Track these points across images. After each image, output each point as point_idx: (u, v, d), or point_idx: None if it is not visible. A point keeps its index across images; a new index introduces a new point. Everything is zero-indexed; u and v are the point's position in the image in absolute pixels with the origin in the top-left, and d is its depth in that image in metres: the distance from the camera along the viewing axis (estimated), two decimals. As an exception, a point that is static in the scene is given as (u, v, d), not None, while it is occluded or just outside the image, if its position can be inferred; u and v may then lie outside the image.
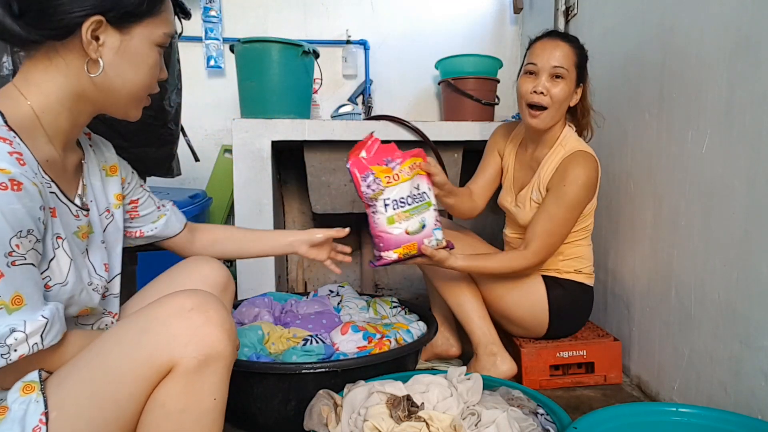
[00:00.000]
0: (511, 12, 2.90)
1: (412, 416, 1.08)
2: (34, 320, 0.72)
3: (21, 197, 0.70)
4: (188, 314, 0.76)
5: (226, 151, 2.80)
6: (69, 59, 0.80)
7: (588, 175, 1.48)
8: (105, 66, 0.81)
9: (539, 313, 1.57)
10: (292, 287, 2.61)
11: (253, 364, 1.29)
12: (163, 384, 0.75)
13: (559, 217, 1.48)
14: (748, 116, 1.17)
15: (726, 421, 1.08)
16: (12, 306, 0.70)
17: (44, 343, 0.73)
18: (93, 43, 0.79)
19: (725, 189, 1.24)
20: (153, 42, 0.86)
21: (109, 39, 0.81)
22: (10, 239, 0.69)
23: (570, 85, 1.49)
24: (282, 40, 2.04)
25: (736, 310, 1.21)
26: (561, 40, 1.50)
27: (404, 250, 1.35)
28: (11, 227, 0.69)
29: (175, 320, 0.75)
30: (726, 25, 1.24)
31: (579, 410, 1.46)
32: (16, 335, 0.70)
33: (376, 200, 1.33)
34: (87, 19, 0.77)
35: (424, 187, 1.39)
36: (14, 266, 0.70)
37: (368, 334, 1.44)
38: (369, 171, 1.33)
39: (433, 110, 2.91)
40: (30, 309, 0.72)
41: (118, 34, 0.81)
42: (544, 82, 1.46)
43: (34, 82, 0.81)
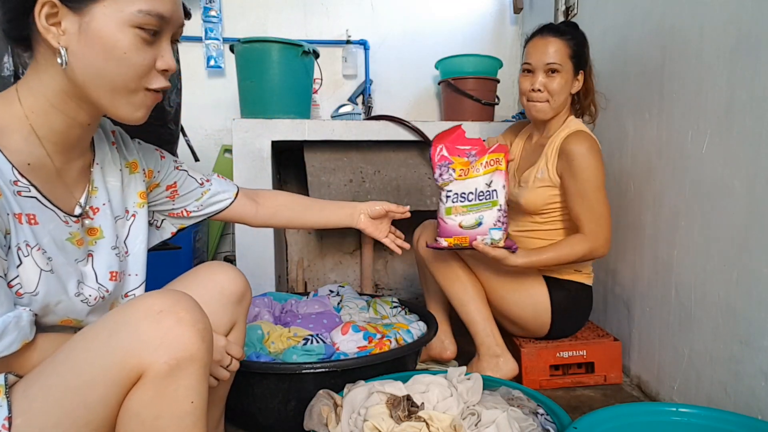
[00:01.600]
0: (511, 12, 2.90)
1: (412, 416, 1.08)
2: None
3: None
4: (158, 317, 0.70)
5: (226, 151, 2.80)
6: (46, 55, 0.75)
7: (590, 147, 1.50)
8: (69, 55, 0.72)
9: (542, 313, 1.57)
10: (292, 287, 2.61)
11: (253, 364, 1.28)
12: (135, 391, 0.70)
13: (591, 198, 1.48)
14: (748, 116, 1.17)
15: (726, 421, 1.08)
16: None
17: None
18: (52, 30, 0.72)
19: (725, 189, 1.24)
20: (123, 22, 0.72)
21: (67, 23, 0.72)
22: None
23: (567, 76, 1.54)
24: (282, 40, 2.04)
25: (736, 310, 1.21)
26: (552, 35, 1.54)
27: (455, 240, 1.44)
28: None
29: (143, 323, 0.70)
30: (726, 25, 1.24)
31: (579, 410, 1.46)
32: None
33: (442, 189, 1.45)
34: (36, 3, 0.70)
35: (497, 185, 1.43)
36: None
37: (368, 334, 1.44)
38: (448, 161, 1.43)
39: (433, 110, 2.91)
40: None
41: (75, 16, 0.72)
42: (541, 79, 1.53)
43: (27, 84, 0.78)
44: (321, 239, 2.66)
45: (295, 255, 2.64)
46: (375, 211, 1.31)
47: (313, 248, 2.68)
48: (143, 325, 0.70)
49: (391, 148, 2.18)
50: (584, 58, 1.57)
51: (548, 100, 1.54)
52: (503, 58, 2.50)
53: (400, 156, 2.19)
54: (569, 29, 1.57)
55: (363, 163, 2.16)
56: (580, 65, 1.56)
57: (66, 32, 0.72)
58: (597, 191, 1.49)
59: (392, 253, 2.69)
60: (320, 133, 2.02)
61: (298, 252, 2.65)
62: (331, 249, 2.68)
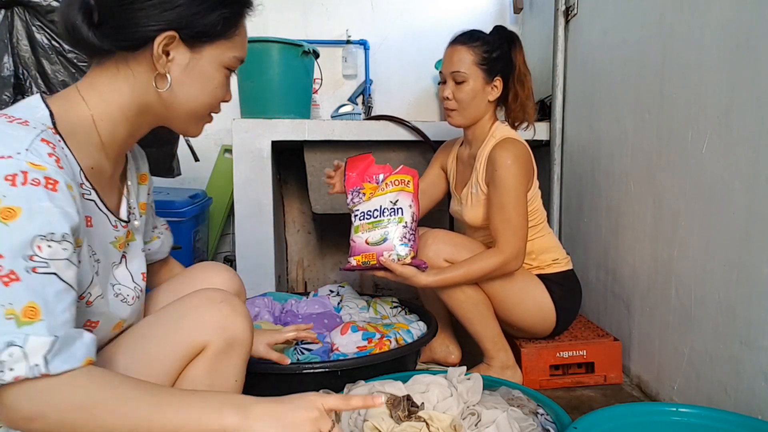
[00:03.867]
0: (511, 12, 2.90)
1: (412, 416, 1.08)
2: (40, 336, 0.61)
3: (54, 197, 0.66)
4: (219, 305, 0.86)
5: (226, 151, 2.80)
6: (137, 71, 0.80)
7: (516, 156, 1.49)
8: (172, 81, 0.81)
9: (548, 314, 1.58)
10: (292, 287, 2.61)
11: (253, 364, 1.28)
12: (195, 363, 0.84)
13: (508, 207, 1.49)
14: (748, 116, 1.17)
15: (726, 421, 1.08)
16: (23, 318, 0.61)
17: (49, 367, 0.61)
18: (163, 57, 0.80)
19: (725, 189, 1.24)
20: (221, 64, 0.85)
21: (179, 55, 0.81)
22: (32, 239, 0.63)
23: (475, 84, 1.53)
24: (282, 40, 2.04)
25: (736, 310, 1.21)
26: (459, 44, 1.55)
27: (363, 258, 1.45)
28: (37, 226, 0.63)
29: (208, 309, 0.86)
30: (726, 25, 1.24)
31: (579, 410, 1.46)
32: (12, 350, 0.59)
33: (352, 212, 1.51)
34: (160, 34, 0.78)
35: (403, 203, 1.47)
36: (34, 273, 0.62)
37: (368, 335, 1.44)
38: (360, 186, 1.50)
39: (433, 110, 2.91)
40: (45, 325, 0.62)
41: (188, 52, 0.82)
42: (450, 88, 1.55)
43: (98, 90, 0.80)
44: (321, 239, 2.67)
45: (295, 255, 2.64)
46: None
47: (313, 248, 2.68)
48: (207, 310, 0.85)
49: (391, 148, 2.18)
50: (503, 64, 1.55)
51: (457, 109, 1.55)
52: (503, 58, 2.50)
53: (400, 156, 2.19)
54: (483, 35, 1.55)
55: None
56: (495, 71, 1.54)
57: (173, 61, 0.81)
58: (516, 202, 1.48)
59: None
60: (320, 133, 2.02)
61: (298, 252, 2.65)
62: (331, 249, 2.68)
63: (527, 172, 1.53)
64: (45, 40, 1.86)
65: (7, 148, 0.65)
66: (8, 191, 0.63)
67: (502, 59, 1.55)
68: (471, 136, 1.63)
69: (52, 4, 1.84)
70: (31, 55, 1.86)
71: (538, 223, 1.62)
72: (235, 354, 0.87)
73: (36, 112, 0.74)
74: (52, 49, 1.87)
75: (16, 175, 0.64)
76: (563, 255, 1.66)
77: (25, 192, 0.64)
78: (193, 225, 2.48)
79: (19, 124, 0.69)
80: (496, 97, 1.57)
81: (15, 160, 0.64)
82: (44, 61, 1.87)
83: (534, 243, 1.60)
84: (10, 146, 0.65)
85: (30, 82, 1.87)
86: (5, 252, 0.62)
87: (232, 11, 0.84)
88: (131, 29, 0.77)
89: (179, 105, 0.84)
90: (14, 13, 1.83)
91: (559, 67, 2.10)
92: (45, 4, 1.83)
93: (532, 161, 1.57)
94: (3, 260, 0.61)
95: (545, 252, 1.62)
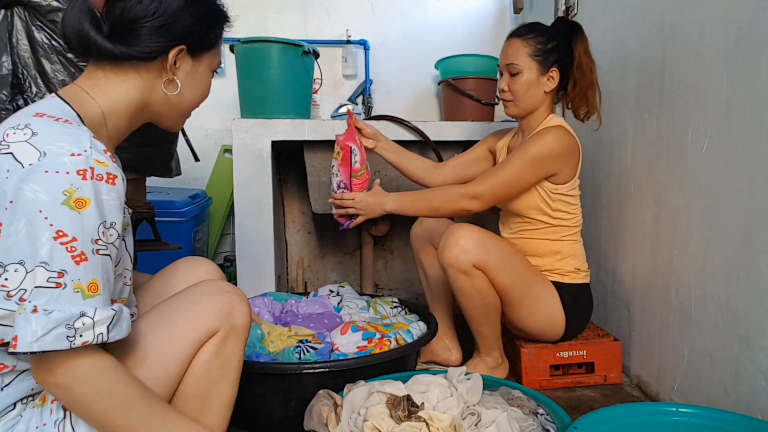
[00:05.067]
0: (511, 12, 2.90)
1: (412, 416, 1.08)
2: (104, 310, 0.73)
3: (112, 191, 0.77)
4: (227, 294, 0.95)
5: (226, 151, 2.80)
6: (145, 76, 0.91)
7: (554, 139, 1.49)
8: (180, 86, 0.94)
9: (558, 322, 1.57)
10: (292, 287, 2.61)
11: (253, 364, 1.28)
12: (207, 345, 0.91)
13: (509, 166, 1.49)
14: (748, 116, 1.17)
15: (726, 421, 1.08)
16: (88, 292, 0.72)
17: (109, 336, 0.73)
18: (173, 66, 0.92)
19: (725, 189, 1.24)
20: (211, 68, 1.00)
21: (184, 64, 0.94)
22: (98, 226, 0.74)
23: (530, 76, 1.53)
24: (282, 40, 2.04)
25: (736, 310, 1.21)
26: (514, 36, 1.56)
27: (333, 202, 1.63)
28: (101, 216, 0.74)
29: (219, 296, 0.94)
30: (726, 24, 1.24)
31: (579, 410, 1.46)
32: (85, 320, 0.71)
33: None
34: (174, 48, 0.90)
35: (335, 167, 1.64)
36: (98, 254, 0.74)
37: (368, 335, 1.44)
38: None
39: (433, 110, 2.91)
40: (102, 299, 0.74)
41: (191, 61, 0.95)
42: (505, 80, 1.57)
43: (105, 89, 0.89)
44: (321, 239, 2.67)
45: (295, 255, 2.64)
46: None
47: (313, 248, 2.68)
48: (219, 297, 0.94)
49: (391, 148, 2.17)
50: (560, 55, 1.54)
51: (513, 100, 1.56)
52: (503, 58, 2.50)
53: (400, 156, 2.19)
54: (540, 27, 1.55)
55: (363, 163, 2.16)
56: (550, 62, 1.53)
57: (179, 69, 0.94)
58: (517, 167, 1.48)
59: (392, 253, 2.69)
60: (320, 133, 2.02)
61: (298, 252, 2.65)
62: (331, 249, 2.68)
63: (558, 157, 1.50)
64: (45, 39, 1.86)
65: (76, 146, 0.75)
66: (81, 184, 0.73)
67: (559, 50, 1.53)
68: (525, 125, 1.62)
69: (52, 4, 1.84)
70: (30, 54, 1.86)
71: (573, 225, 1.60)
72: (238, 338, 0.96)
73: (65, 111, 0.83)
74: (52, 48, 1.87)
75: (86, 171, 0.74)
76: (585, 267, 1.64)
77: (93, 185, 0.74)
78: (193, 225, 2.48)
79: (64, 123, 0.79)
80: (552, 87, 1.55)
81: (84, 157, 0.74)
82: (44, 60, 1.87)
83: (565, 245, 1.59)
84: (78, 144, 0.75)
85: (29, 81, 1.87)
86: (78, 236, 0.72)
87: (221, 26, 1.01)
88: (147, 43, 0.88)
89: (178, 104, 0.97)
90: (14, 13, 1.83)
91: (559, 67, 2.09)
92: (45, 4, 1.83)
93: (577, 156, 1.55)
94: (76, 242, 0.72)
95: (571, 257, 1.60)
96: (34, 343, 0.67)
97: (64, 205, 0.71)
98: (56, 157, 0.73)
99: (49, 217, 0.70)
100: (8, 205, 0.71)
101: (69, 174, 0.72)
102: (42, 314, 0.68)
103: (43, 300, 0.69)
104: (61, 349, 0.69)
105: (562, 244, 1.58)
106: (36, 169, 0.72)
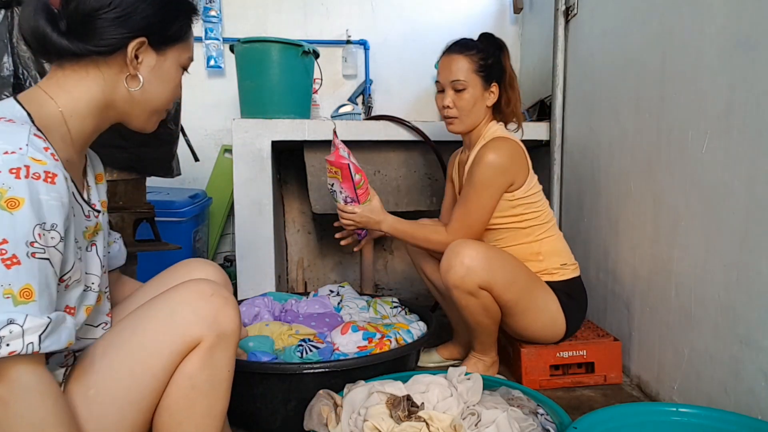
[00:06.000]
0: (511, 12, 2.90)
1: (412, 416, 1.08)
2: (37, 317, 0.68)
3: (51, 190, 0.72)
4: (210, 298, 0.87)
5: (226, 151, 2.80)
6: (107, 72, 0.86)
7: (498, 155, 1.50)
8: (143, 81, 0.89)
9: (558, 323, 1.57)
10: (292, 287, 2.61)
11: (253, 364, 1.29)
12: (190, 357, 0.85)
13: (470, 198, 1.52)
14: (748, 116, 1.17)
15: (726, 421, 1.08)
16: (20, 298, 0.67)
17: (41, 346, 0.68)
18: (134, 60, 0.87)
19: (725, 189, 1.24)
20: (180, 64, 0.94)
21: (147, 58, 0.89)
22: (33, 228, 0.69)
23: (475, 91, 1.56)
24: (282, 40, 2.04)
25: (736, 310, 1.21)
26: (456, 53, 1.57)
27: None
28: (37, 216, 0.70)
29: (200, 303, 0.86)
30: (726, 25, 1.24)
31: (579, 410, 1.46)
32: (12, 328, 0.65)
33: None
34: (133, 40, 0.85)
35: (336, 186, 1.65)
36: (33, 258, 0.69)
37: (368, 335, 1.44)
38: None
39: (433, 110, 2.91)
40: (37, 306, 0.68)
41: (155, 55, 0.90)
42: (450, 97, 1.57)
43: (66, 89, 0.85)
44: (321, 239, 2.67)
45: (295, 255, 2.64)
46: None
47: (313, 248, 2.68)
48: (200, 304, 0.86)
49: (391, 148, 2.18)
50: (497, 70, 1.58)
51: (458, 116, 1.58)
52: (503, 58, 2.50)
53: (400, 156, 2.19)
54: (476, 43, 1.58)
55: (363, 163, 2.16)
56: (492, 77, 1.57)
57: (142, 64, 0.89)
58: (479, 197, 1.51)
59: (392, 253, 2.69)
60: (320, 133, 2.02)
61: (298, 252, 2.65)
62: (331, 249, 2.68)
63: (507, 171, 1.52)
64: (45, 40, 1.86)
65: (9, 144, 0.71)
66: (13, 183, 0.69)
67: (496, 65, 1.58)
68: (468, 141, 1.66)
69: (52, 4, 1.84)
70: (30, 54, 1.85)
71: (544, 222, 1.60)
72: (226, 345, 0.88)
73: (14, 111, 0.79)
74: (52, 49, 1.87)
75: (20, 169, 0.69)
76: (571, 260, 1.64)
77: (28, 184, 0.69)
78: (193, 225, 2.48)
79: (6, 122, 0.74)
80: (493, 102, 1.60)
81: (18, 155, 0.70)
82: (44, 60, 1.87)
83: (542, 244, 1.59)
84: (12, 142, 0.71)
85: (30, 81, 1.87)
86: (9, 237, 0.67)
87: (187, 17, 0.94)
88: (104, 36, 0.83)
89: (145, 102, 0.91)
90: (14, 13, 1.83)
91: (559, 67, 2.10)
92: (45, 4, 1.83)
93: (523, 159, 1.57)
94: (7, 245, 0.67)
95: (554, 255, 1.60)
96: None
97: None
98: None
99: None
100: None
101: (1, 173, 0.68)
102: None
103: None
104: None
105: (540, 244, 1.59)
106: None
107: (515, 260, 1.54)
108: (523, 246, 1.58)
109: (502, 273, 1.47)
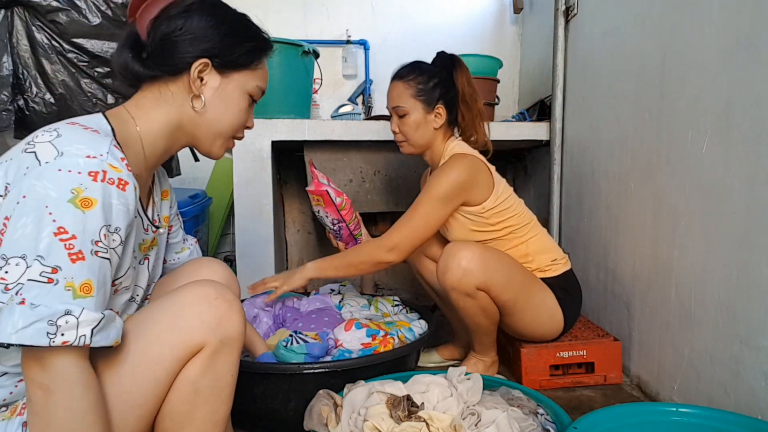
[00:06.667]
0: (511, 12, 2.90)
1: (412, 416, 1.08)
2: (92, 312, 0.71)
3: (121, 196, 0.78)
4: (214, 302, 0.86)
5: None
6: (176, 93, 0.94)
7: (455, 172, 1.50)
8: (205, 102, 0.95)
9: (558, 323, 1.58)
10: (292, 287, 2.61)
11: (253, 364, 1.29)
12: (193, 362, 0.84)
13: (419, 209, 1.51)
14: (748, 116, 1.17)
15: (726, 421, 1.08)
16: (79, 292, 0.71)
17: (92, 339, 0.71)
18: (198, 81, 0.94)
19: (725, 189, 1.24)
20: (245, 90, 1.00)
21: (211, 80, 0.95)
22: (100, 228, 0.75)
23: (416, 115, 1.57)
24: (282, 40, 2.03)
25: (736, 310, 1.21)
26: (396, 79, 1.61)
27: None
28: (105, 219, 0.75)
29: (203, 307, 0.85)
30: (726, 25, 1.24)
31: (579, 410, 1.46)
32: (69, 318, 0.69)
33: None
34: (197, 60, 0.92)
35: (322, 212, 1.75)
36: (96, 256, 0.74)
37: (372, 332, 1.44)
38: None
39: (433, 110, 2.91)
40: (93, 302, 0.72)
41: (219, 77, 0.96)
42: (395, 122, 1.62)
43: (144, 109, 0.93)
44: (321, 239, 2.66)
45: (295, 255, 2.64)
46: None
47: (313, 248, 2.68)
48: (203, 308, 0.85)
49: (391, 148, 2.17)
50: (442, 91, 1.57)
51: (406, 140, 1.60)
52: (503, 58, 2.50)
53: (400, 156, 2.19)
54: (418, 67, 1.60)
55: (363, 163, 2.16)
56: (435, 99, 1.57)
57: (206, 85, 0.95)
58: (425, 207, 1.50)
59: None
60: (320, 133, 2.02)
61: (298, 252, 2.65)
62: (331, 249, 2.67)
63: (464, 187, 1.50)
64: (45, 39, 1.86)
65: (93, 150, 0.77)
66: (90, 185, 0.74)
67: (441, 86, 1.58)
68: (429, 160, 1.67)
69: (52, 4, 1.84)
70: (30, 54, 1.86)
71: (524, 223, 1.59)
72: (230, 351, 0.88)
73: (100, 124, 0.86)
74: (52, 48, 1.87)
75: (98, 173, 0.76)
76: (561, 255, 1.65)
77: (102, 188, 0.75)
78: (193, 225, 2.48)
79: (92, 132, 0.81)
80: (441, 123, 1.59)
81: (98, 161, 0.76)
82: (44, 60, 1.87)
83: (528, 245, 1.59)
84: (94, 148, 0.78)
85: (30, 81, 1.87)
86: (79, 234, 0.72)
87: (256, 46, 1.01)
88: (173, 58, 0.91)
89: (208, 124, 0.97)
90: (14, 13, 1.83)
91: (559, 67, 2.10)
92: (45, 4, 1.83)
93: (483, 171, 1.54)
94: (75, 240, 0.72)
95: (542, 253, 1.60)
96: (13, 335, 0.66)
97: (70, 202, 0.72)
98: (71, 158, 0.75)
99: (54, 212, 0.71)
100: (21, 199, 0.72)
101: (80, 174, 0.74)
102: (27, 307, 0.67)
103: (33, 294, 0.68)
104: (38, 344, 0.67)
105: (526, 246, 1.59)
106: (50, 166, 0.74)
107: (511, 260, 1.54)
108: (510, 251, 1.57)
109: (499, 273, 1.47)
